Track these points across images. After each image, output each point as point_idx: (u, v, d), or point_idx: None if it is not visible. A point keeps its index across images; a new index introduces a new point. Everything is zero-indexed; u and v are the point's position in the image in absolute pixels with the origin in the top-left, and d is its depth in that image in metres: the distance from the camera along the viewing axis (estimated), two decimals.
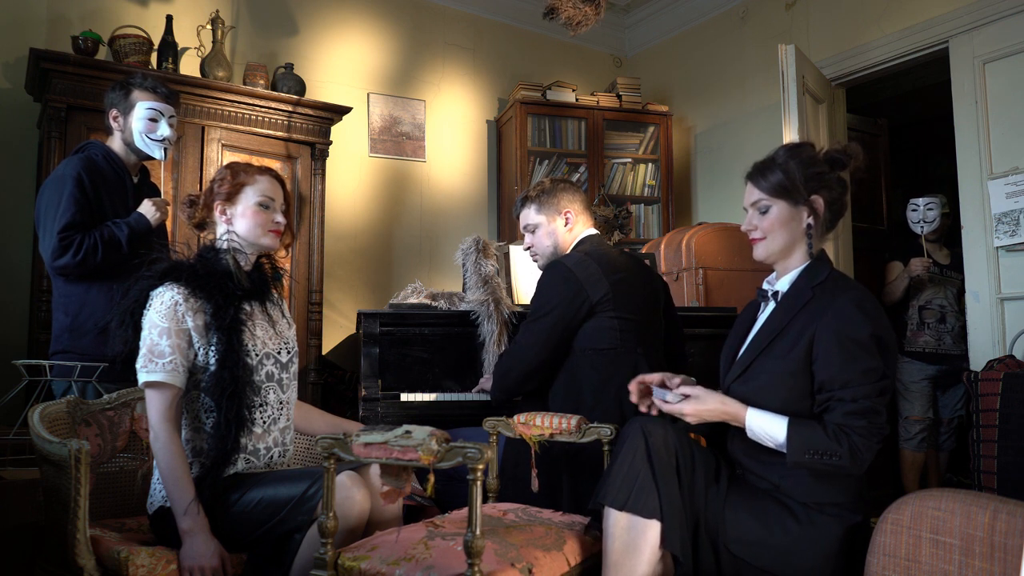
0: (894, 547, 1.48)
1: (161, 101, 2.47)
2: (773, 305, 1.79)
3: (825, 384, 1.61)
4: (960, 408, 3.83)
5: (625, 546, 1.55)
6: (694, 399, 1.67)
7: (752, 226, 1.79)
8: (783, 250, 1.77)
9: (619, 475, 1.59)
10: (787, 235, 1.75)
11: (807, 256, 1.76)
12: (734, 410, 1.65)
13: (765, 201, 1.76)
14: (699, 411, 1.66)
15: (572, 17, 3.46)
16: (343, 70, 4.43)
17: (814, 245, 1.76)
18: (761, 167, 1.79)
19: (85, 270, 2.32)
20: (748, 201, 1.81)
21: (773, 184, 1.75)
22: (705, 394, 1.68)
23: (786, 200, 1.75)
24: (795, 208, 1.75)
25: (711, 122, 4.95)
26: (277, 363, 1.90)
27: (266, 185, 1.92)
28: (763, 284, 1.85)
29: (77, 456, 1.58)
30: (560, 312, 2.28)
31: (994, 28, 3.43)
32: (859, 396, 1.58)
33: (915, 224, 3.82)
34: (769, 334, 1.71)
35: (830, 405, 1.60)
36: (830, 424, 1.58)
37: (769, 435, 1.62)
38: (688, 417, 1.67)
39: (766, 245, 1.77)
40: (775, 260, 1.80)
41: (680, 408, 1.67)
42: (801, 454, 1.56)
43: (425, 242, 4.65)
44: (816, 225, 1.75)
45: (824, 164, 1.76)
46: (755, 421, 1.63)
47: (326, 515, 1.47)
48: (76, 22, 3.61)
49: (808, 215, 1.75)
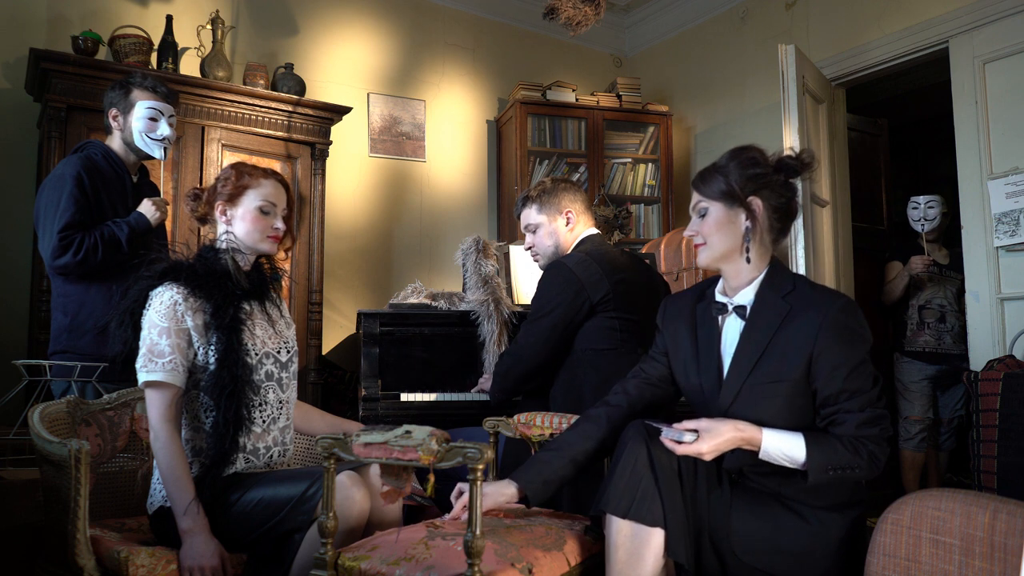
0: (894, 547, 1.48)
1: (161, 100, 2.47)
2: (736, 319, 1.71)
3: (831, 398, 1.58)
4: (960, 408, 3.83)
5: (629, 554, 1.54)
6: (708, 433, 1.57)
7: (693, 231, 1.75)
8: (724, 255, 1.71)
9: (621, 482, 1.56)
10: (725, 239, 1.70)
11: (755, 264, 1.70)
12: (750, 434, 1.57)
13: (703, 203, 1.73)
14: (717, 445, 1.57)
15: (572, 17, 3.46)
16: (343, 70, 4.43)
17: (755, 250, 1.69)
18: (704, 172, 1.76)
19: (85, 270, 2.32)
20: (691, 207, 1.77)
21: (712, 187, 1.72)
22: (716, 425, 1.58)
23: (722, 202, 1.70)
24: (731, 210, 1.70)
25: (711, 122, 4.95)
26: (277, 362, 1.90)
27: (269, 190, 1.91)
28: (716, 296, 1.77)
29: (77, 456, 1.58)
30: (561, 312, 2.28)
31: (994, 28, 3.43)
32: (866, 405, 1.57)
33: (916, 222, 3.83)
34: (753, 354, 1.65)
35: (839, 418, 1.58)
36: (845, 437, 1.56)
37: (787, 456, 1.56)
38: (706, 455, 1.57)
39: (706, 250, 1.72)
40: (719, 265, 1.74)
41: (697, 449, 1.56)
42: (823, 472, 1.53)
43: (425, 242, 4.65)
44: (755, 228, 1.69)
45: (768, 167, 1.72)
46: (772, 443, 1.57)
47: (326, 515, 1.47)
48: (76, 22, 3.61)
49: (746, 218, 1.69)
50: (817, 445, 1.55)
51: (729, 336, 1.73)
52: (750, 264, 1.70)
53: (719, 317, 1.75)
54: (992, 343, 3.37)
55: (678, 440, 1.58)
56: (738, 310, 1.71)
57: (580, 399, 2.24)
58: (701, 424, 1.59)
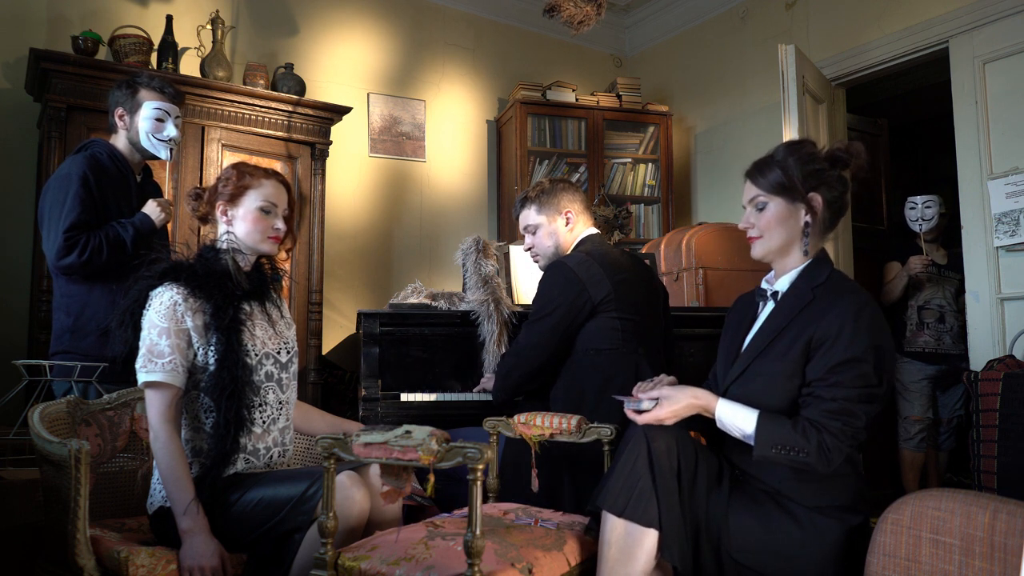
0: (894, 547, 1.48)
1: (168, 101, 2.47)
2: (772, 305, 1.77)
3: (812, 381, 1.60)
4: (960, 408, 3.83)
5: (621, 552, 1.54)
6: (666, 400, 1.63)
7: (749, 224, 1.76)
8: (780, 248, 1.75)
9: (619, 480, 1.57)
10: (784, 233, 1.73)
11: (804, 255, 1.74)
12: (705, 401, 1.63)
13: (762, 198, 1.74)
14: (675, 410, 1.63)
15: (573, 16, 3.46)
16: (343, 70, 4.43)
17: (811, 244, 1.73)
18: (760, 164, 1.77)
19: (90, 270, 2.32)
20: (746, 198, 1.79)
21: (771, 181, 1.73)
22: (675, 392, 1.64)
23: (783, 197, 1.72)
24: (792, 205, 1.72)
25: (711, 122, 4.95)
26: (277, 363, 1.90)
27: (270, 190, 1.91)
28: (762, 283, 1.83)
29: (77, 456, 1.58)
30: (562, 312, 2.28)
31: (994, 28, 3.43)
32: (839, 396, 1.56)
33: (913, 222, 3.82)
34: (768, 335, 1.70)
35: (808, 401, 1.60)
36: (802, 419, 1.57)
37: (738, 427, 1.61)
38: (666, 420, 1.62)
39: (763, 243, 1.75)
40: (772, 258, 1.78)
41: (656, 415, 1.62)
42: (767, 448, 1.56)
43: (425, 242, 4.65)
44: (814, 223, 1.73)
45: (824, 162, 1.74)
46: (724, 412, 1.62)
47: (326, 515, 1.47)
48: (76, 22, 3.61)
49: (806, 213, 1.72)
50: (767, 421, 1.58)
51: (760, 321, 1.78)
52: (806, 256, 1.74)
53: (760, 303, 1.81)
54: (992, 343, 3.37)
55: (637, 409, 1.64)
56: (774, 296, 1.76)
57: (581, 399, 2.24)
58: (661, 392, 1.64)
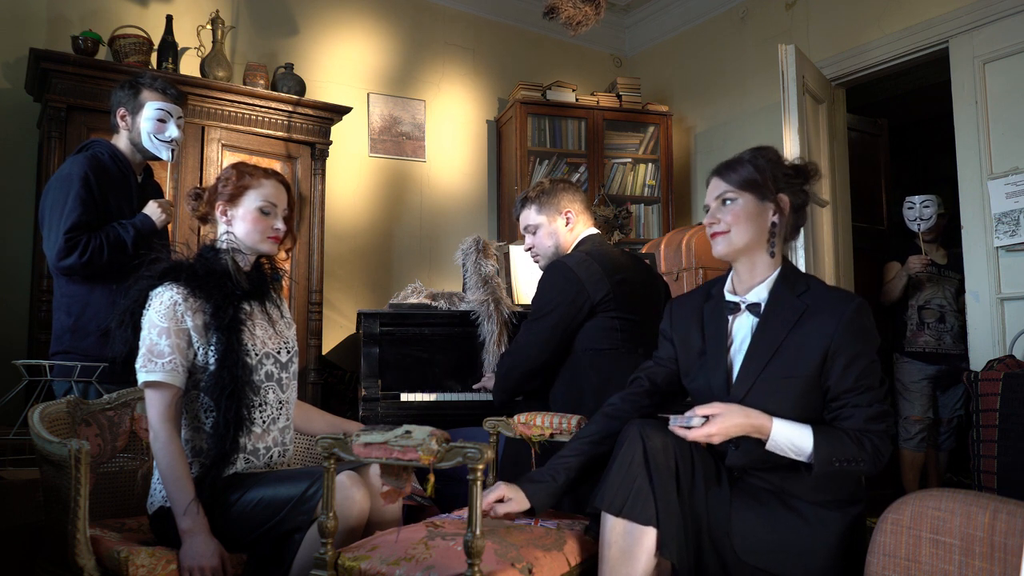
0: (894, 547, 1.48)
1: (170, 102, 2.47)
2: (748, 317, 1.72)
3: (842, 393, 1.60)
4: (960, 408, 3.83)
5: (621, 552, 1.54)
6: (719, 417, 1.57)
7: (715, 219, 1.72)
8: (745, 247, 1.70)
9: (616, 480, 1.57)
10: (751, 230, 1.69)
11: (771, 261, 1.71)
12: (759, 421, 1.58)
13: (731, 193, 1.71)
14: (726, 428, 1.57)
15: (572, 17, 3.46)
16: (343, 70, 4.43)
17: (777, 246, 1.71)
18: (729, 163, 1.76)
19: (90, 271, 2.32)
20: (712, 196, 1.76)
21: (742, 177, 1.71)
22: (727, 410, 1.59)
23: (753, 194, 1.70)
24: (761, 203, 1.70)
25: (711, 122, 4.95)
26: (277, 363, 1.90)
27: (270, 190, 1.91)
28: (726, 295, 1.77)
29: (77, 456, 1.58)
30: (562, 312, 2.28)
31: (994, 28, 3.43)
32: (874, 401, 1.59)
33: (911, 222, 3.82)
34: (767, 350, 1.65)
35: (846, 412, 1.60)
36: (851, 431, 1.57)
37: (795, 446, 1.57)
38: (715, 438, 1.57)
39: (728, 239, 1.71)
40: (735, 257, 1.73)
41: (707, 431, 1.57)
42: (828, 464, 1.55)
43: (425, 242, 4.65)
44: (780, 224, 1.71)
45: (790, 169, 1.75)
46: (781, 432, 1.58)
47: (326, 515, 1.47)
48: (76, 22, 3.61)
49: (774, 212, 1.71)
50: (824, 436, 1.57)
51: (740, 334, 1.73)
52: (772, 259, 1.72)
53: (729, 316, 1.75)
54: (992, 343, 3.37)
55: (687, 426, 1.58)
56: (751, 308, 1.71)
57: (580, 399, 2.24)
58: (713, 408, 1.59)
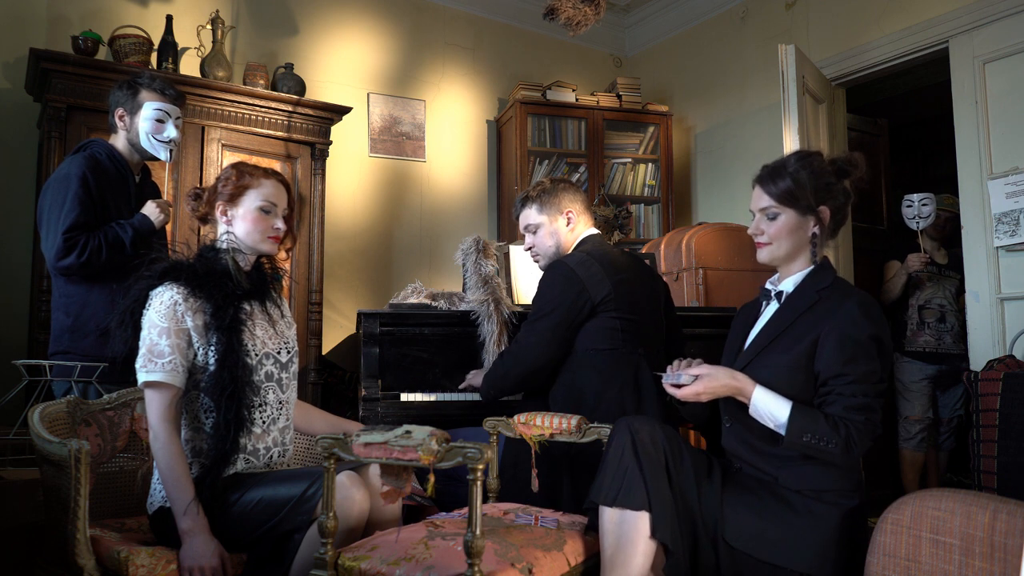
0: (894, 547, 1.48)
1: (169, 102, 2.46)
2: (776, 305, 1.84)
3: (827, 379, 1.66)
4: (960, 408, 3.83)
5: (618, 540, 1.58)
6: (706, 377, 1.70)
7: (759, 231, 1.83)
8: (787, 256, 1.82)
9: (609, 473, 1.62)
10: (792, 242, 1.81)
11: (810, 261, 1.82)
12: (742, 385, 1.69)
13: (774, 208, 1.81)
14: (711, 387, 1.69)
15: (572, 17, 3.46)
16: (343, 70, 4.43)
17: (818, 253, 1.81)
18: (772, 172, 1.83)
19: (89, 271, 2.32)
20: (756, 206, 1.84)
21: (783, 191, 1.79)
22: (714, 370, 1.71)
23: (794, 209, 1.79)
24: (802, 217, 1.80)
25: (711, 122, 4.95)
26: (277, 363, 1.90)
27: (270, 190, 1.91)
28: (766, 284, 1.90)
29: (77, 456, 1.58)
30: (562, 312, 2.27)
31: (994, 28, 3.43)
32: (859, 393, 1.64)
33: (910, 220, 3.81)
34: (774, 331, 1.77)
35: (830, 399, 1.66)
36: (830, 415, 1.63)
37: (771, 413, 1.66)
38: (702, 396, 1.70)
39: (771, 250, 1.83)
40: (778, 264, 1.85)
41: (695, 390, 1.69)
42: (799, 435, 1.61)
43: (425, 242, 4.65)
44: (821, 234, 1.80)
45: (832, 175, 1.81)
46: (761, 397, 1.67)
47: (326, 515, 1.47)
48: (76, 22, 3.61)
49: (814, 224, 1.80)
50: (801, 411, 1.64)
51: (765, 318, 1.85)
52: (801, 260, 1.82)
53: (763, 302, 1.89)
54: (992, 343, 3.37)
55: (676, 383, 1.72)
56: (778, 296, 1.83)
57: (580, 399, 2.24)
58: (701, 369, 1.71)
